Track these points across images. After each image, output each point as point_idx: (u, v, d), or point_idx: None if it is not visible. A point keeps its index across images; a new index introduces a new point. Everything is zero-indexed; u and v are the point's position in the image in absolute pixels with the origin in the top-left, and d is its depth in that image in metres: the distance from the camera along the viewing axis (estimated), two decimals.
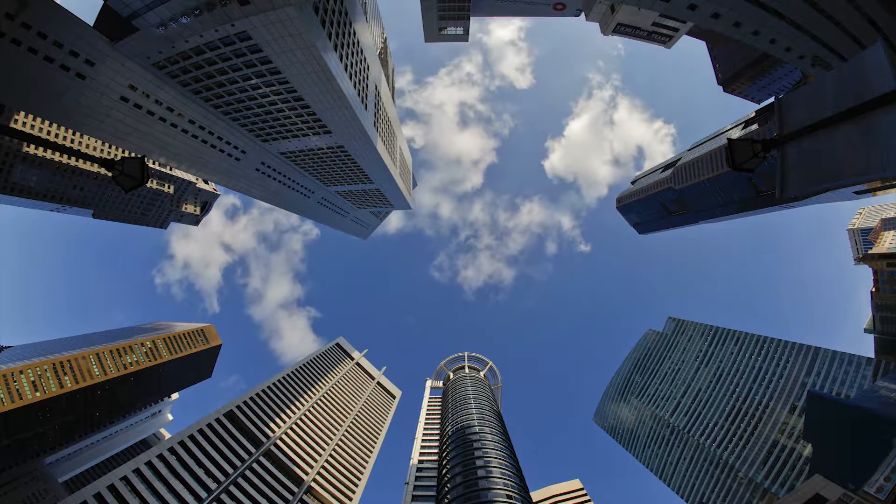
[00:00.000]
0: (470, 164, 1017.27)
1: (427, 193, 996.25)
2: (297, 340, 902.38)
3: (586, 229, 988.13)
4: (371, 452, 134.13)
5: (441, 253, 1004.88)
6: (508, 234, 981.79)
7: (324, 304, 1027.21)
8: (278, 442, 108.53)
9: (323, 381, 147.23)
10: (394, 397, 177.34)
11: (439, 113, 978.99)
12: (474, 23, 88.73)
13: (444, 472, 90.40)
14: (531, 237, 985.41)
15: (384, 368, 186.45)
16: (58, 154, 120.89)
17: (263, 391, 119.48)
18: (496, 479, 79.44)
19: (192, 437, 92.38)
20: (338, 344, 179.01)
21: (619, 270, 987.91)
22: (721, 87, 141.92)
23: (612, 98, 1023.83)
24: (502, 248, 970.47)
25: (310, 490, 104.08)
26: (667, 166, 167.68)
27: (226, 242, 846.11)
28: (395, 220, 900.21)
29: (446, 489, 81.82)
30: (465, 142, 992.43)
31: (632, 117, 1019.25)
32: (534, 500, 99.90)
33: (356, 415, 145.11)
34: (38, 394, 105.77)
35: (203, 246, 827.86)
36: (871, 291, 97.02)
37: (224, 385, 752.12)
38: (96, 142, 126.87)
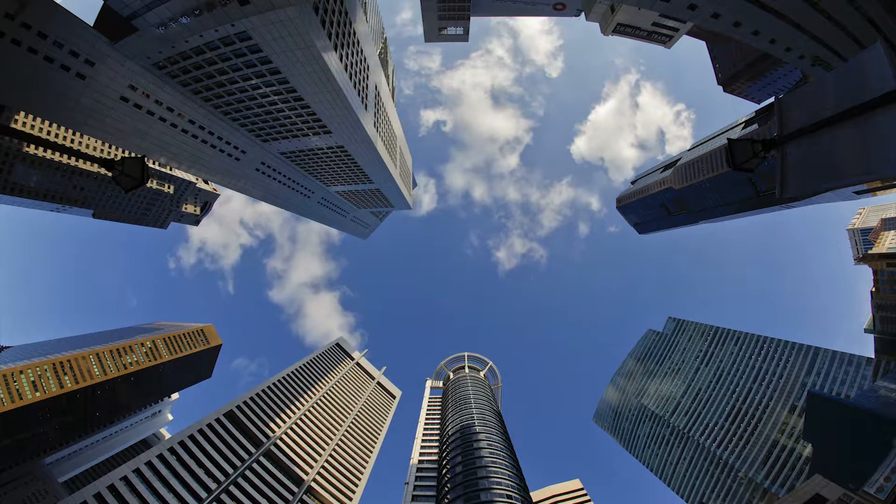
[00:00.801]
0: (501, 145, 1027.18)
1: (458, 174, 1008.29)
2: (324, 318, 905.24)
3: (612, 213, 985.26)
4: (371, 452, 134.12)
5: (472, 233, 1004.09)
6: (541, 212, 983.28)
7: (357, 285, 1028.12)
8: (278, 442, 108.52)
9: (323, 381, 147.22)
10: (394, 397, 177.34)
11: (471, 94, 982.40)
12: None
13: (444, 472, 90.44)
14: (561, 220, 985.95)
15: (384, 368, 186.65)
16: (58, 154, 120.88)
17: (263, 391, 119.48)
18: (496, 479, 79.46)
19: (192, 437, 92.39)
20: (337, 344, 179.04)
21: (619, 270, 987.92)
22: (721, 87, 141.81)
23: (637, 82, 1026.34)
24: (535, 228, 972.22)
25: (310, 490, 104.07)
26: (667, 166, 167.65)
27: (247, 222, 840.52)
28: (426, 202, 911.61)
29: (446, 489, 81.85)
30: (496, 123, 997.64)
31: (655, 101, 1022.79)
32: (534, 500, 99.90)
33: (356, 415, 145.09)
34: (38, 394, 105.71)
35: (223, 227, 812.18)
36: (871, 291, 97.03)
37: (247, 371, 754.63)
38: (96, 142, 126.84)
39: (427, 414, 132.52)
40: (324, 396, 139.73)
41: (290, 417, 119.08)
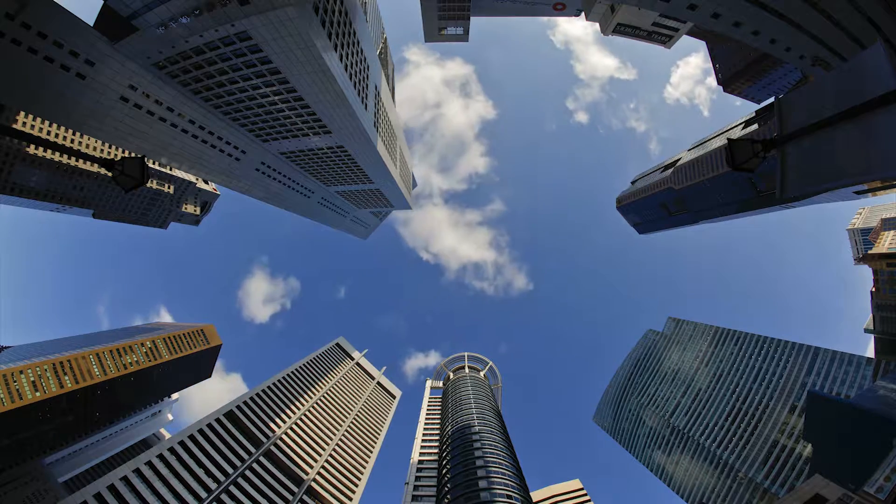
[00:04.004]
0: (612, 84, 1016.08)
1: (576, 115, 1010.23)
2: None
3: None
4: (371, 452, 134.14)
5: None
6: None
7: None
8: (278, 442, 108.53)
9: (323, 381, 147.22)
10: (394, 397, 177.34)
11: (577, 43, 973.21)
12: None
13: (444, 472, 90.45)
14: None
15: (384, 368, 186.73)
16: (58, 154, 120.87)
17: (263, 391, 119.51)
18: (496, 479, 79.47)
19: (192, 437, 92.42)
20: (338, 344, 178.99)
21: (619, 270, 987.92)
22: (722, 87, 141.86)
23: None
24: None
25: (310, 490, 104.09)
26: (667, 166, 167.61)
27: None
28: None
29: (446, 489, 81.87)
30: (605, 64, 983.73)
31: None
32: (534, 500, 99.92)
33: (356, 415, 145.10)
34: (38, 394, 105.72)
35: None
36: (871, 291, 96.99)
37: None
38: (96, 142, 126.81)
39: (427, 414, 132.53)
40: (324, 396, 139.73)
41: (290, 417, 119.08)
